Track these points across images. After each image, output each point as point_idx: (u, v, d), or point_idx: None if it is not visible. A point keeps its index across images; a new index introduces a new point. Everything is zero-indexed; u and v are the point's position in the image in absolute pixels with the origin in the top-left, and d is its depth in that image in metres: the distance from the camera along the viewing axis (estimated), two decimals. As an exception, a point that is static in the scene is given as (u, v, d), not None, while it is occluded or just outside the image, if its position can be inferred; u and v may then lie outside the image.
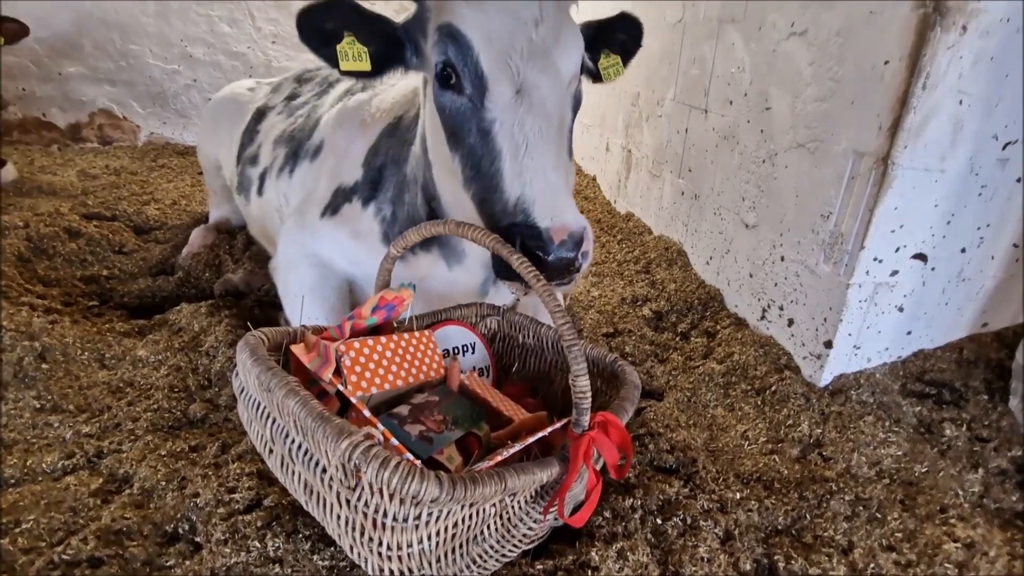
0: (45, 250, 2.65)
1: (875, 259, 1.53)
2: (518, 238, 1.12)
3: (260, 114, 2.75)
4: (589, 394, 1.05)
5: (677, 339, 2.15)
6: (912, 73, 1.34)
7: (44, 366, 1.74)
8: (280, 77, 3.02)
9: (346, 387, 1.03)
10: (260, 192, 2.51)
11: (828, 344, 1.64)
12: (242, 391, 1.07)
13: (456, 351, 1.61)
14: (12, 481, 1.34)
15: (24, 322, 1.88)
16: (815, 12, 1.67)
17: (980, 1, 1.26)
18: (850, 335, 1.62)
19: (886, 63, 1.41)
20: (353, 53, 1.40)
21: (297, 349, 1.11)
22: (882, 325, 1.62)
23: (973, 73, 1.34)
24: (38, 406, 1.59)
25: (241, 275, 2.61)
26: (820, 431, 1.53)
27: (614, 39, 1.64)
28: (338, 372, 1.05)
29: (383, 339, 1.18)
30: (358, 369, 1.09)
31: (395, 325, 1.41)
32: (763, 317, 1.98)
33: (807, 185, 1.72)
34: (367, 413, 0.90)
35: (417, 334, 1.30)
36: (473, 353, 1.65)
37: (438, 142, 1.43)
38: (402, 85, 2.14)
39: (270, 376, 0.96)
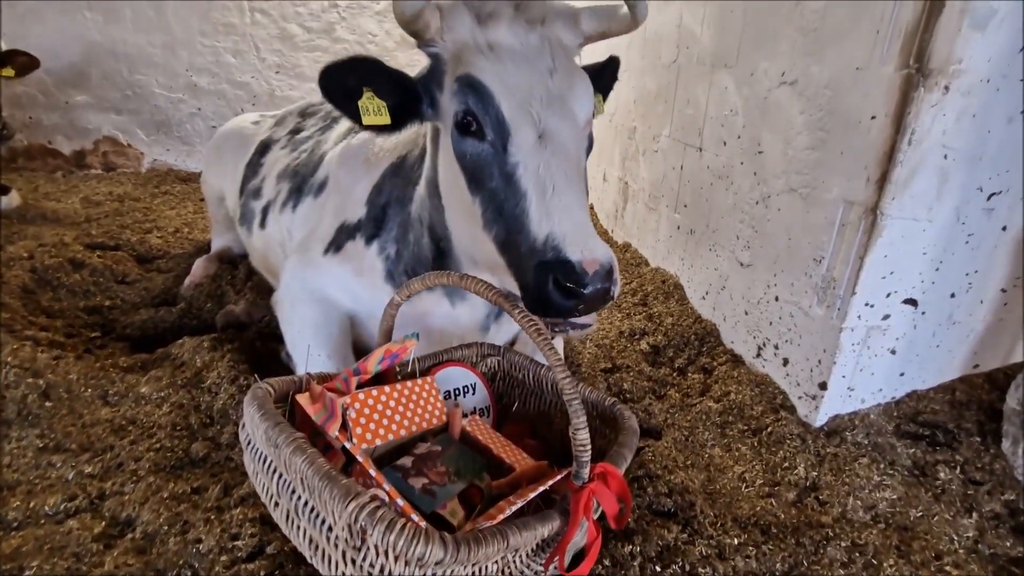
0: (49, 281, 2.67)
1: (867, 304, 1.57)
2: (550, 276, 1.15)
3: (264, 147, 2.80)
4: (589, 448, 1.07)
5: (674, 375, 2.17)
6: (898, 130, 1.40)
7: (48, 404, 1.76)
8: (284, 110, 3.09)
9: (352, 441, 1.05)
10: (263, 225, 2.55)
11: (823, 386, 1.67)
12: (249, 443, 1.09)
13: (457, 392, 1.63)
14: (15, 524, 1.35)
15: (28, 358, 1.90)
16: (805, 64, 1.74)
17: (961, 63, 1.32)
18: (844, 377, 1.65)
19: (873, 118, 1.47)
20: (373, 108, 1.45)
21: (303, 400, 1.13)
22: (875, 367, 1.65)
23: (956, 129, 1.39)
24: (41, 445, 1.60)
25: (243, 306, 2.63)
26: (816, 474, 1.55)
27: (598, 80, 1.72)
28: (344, 426, 1.07)
29: (387, 389, 1.21)
30: (363, 421, 1.11)
31: (397, 369, 1.44)
32: (759, 355, 2.01)
33: (800, 229, 1.77)
34: (373, 472, 0.92)
35: (420, 381, 1.33)
36: (474, 394, 1.67)
37: (455, 186, 1.46)
38: (407, 125, 2.19)
39: (278, 432, 0.98)
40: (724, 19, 2.23)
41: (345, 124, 2.51)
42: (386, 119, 1.46)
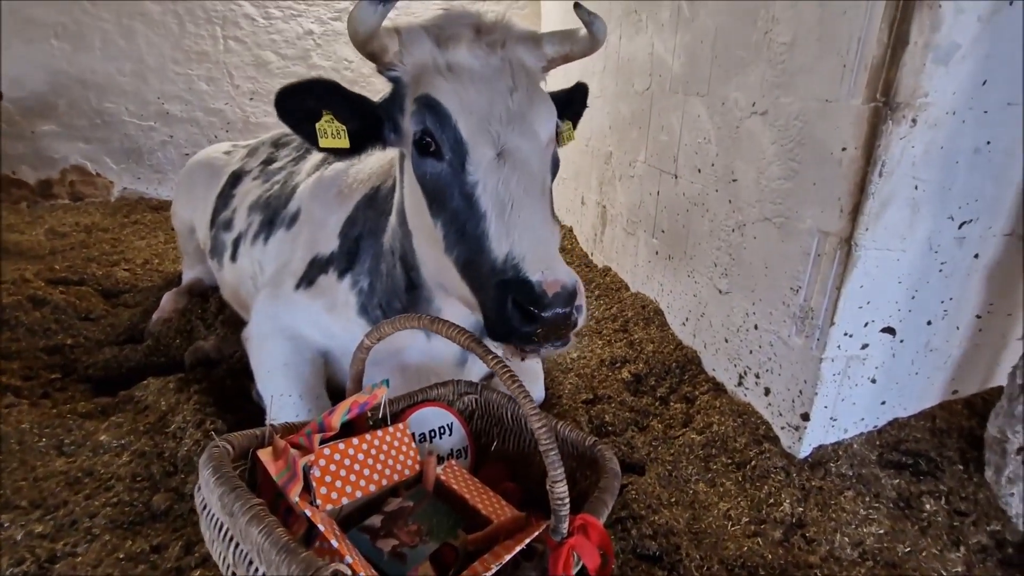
0: (7, 320, 2.56)
1: (845, 334, 1.56)
2: (509, 297, 1.10)
3: (236, 178, 2.75)
4: (567, 502, 1.02)
5: (656, 404, 2.14)
6: (868, 161, 1.40)
7: (-3, 457, 1.65)
8: (257, 140, 3.03)
9: (315, 503, 0.99)
10: (234, 258, 2.48)
11: (805, 416, 1.65)
12: (204, 508, 1.02)
13: (433, 434, 1.58)
14: (-46, 597, 1.25)
15: (-22, 408, 1.79)
16: (774, 95, 1.75)
17: (927, 96, 1.34)
18: (826, 407, 1.63)
19: (843, 150, 1.47)
20: (332, 131, 1.42)
21: (265, 456, 1.07)
22: (856, 397, 1.64)
23: (925, 160, 1.40)
24: (-11, 503, 1.50)
25: (213, 342, 2.55)
26: (802, 509, 1.52)
27: (567, 107, 1.71)
28: (307, 487, 1.01)
29: (355, 441, 1.15)
30: (328, 479, 1.05)
31: (368, 415, 1.38)
32: (740, 383, 1.99)
33: (776, 258, 1.77)
34: (334, 543, 0.86)
35: (392, 429, 1.27)
36: (451, 434, 1.61)
37: (418, 211, 1.44)
38: (379, 155, 2.16)
39: (233, 498, 0.91)
40: (695, 49, 2.26)
41: (318, 155, 2.47)
42: (344, 143, 1.43)
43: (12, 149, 4.34)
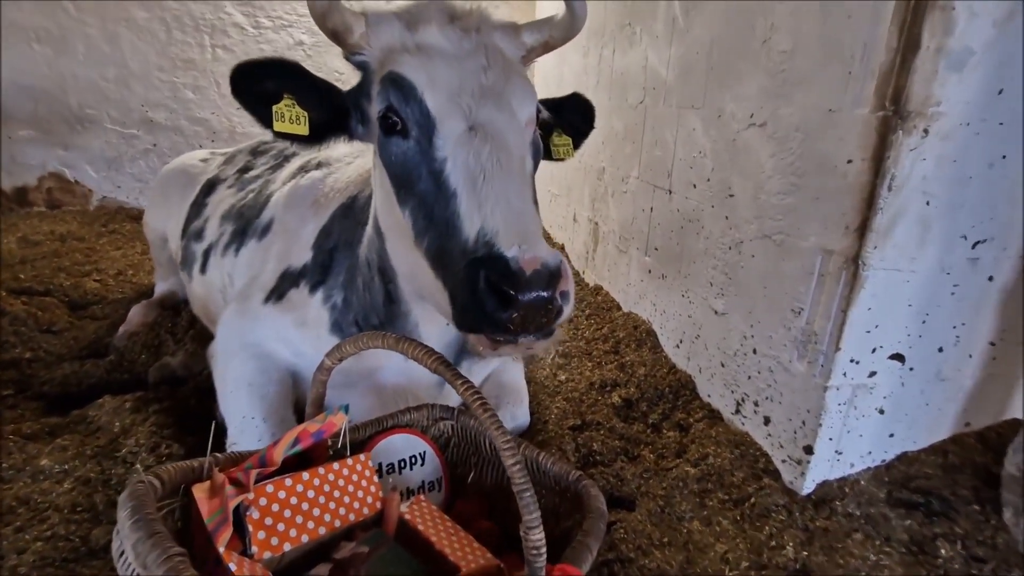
0: (-40, 333, 2.40)
1: (852, 360, 1.44)
2: (481, 275, 0.95)
3: (210, 186, 2.64)
4: (543, 551, 0.89)
5: (648, 432, 2.01)
6: (876, 174, 1.30)
7: (-77, 484, 1.50)
8: (235, 148, 2.93)
9: (249, 551, 0.85)
10: (203, 270, 2.36)
11: (808, 450, 1.52)
12: (121, 555, 0.88)
13: (403, 464, 1.44)
14: None
15: (-94, 428, 1.64)
16: (773, 106, 1.66)
17: (939, 106, 1.24)
18: (831, 439, 1.51)
19: (849, 162, 1.38)
20: (290, 116, 1.31)
21: (200, 493, 0.92)
22: (863, 428, 1.52)
23: (937, 175, 1.30)
24: (-94, 538, 1.34)
25: (181, 358, 2.41)
26: (806, 553, 1.38)
27: (566, 119, 1.61)
28: (242, 531, 0.87)
29: (305, 475, 1.01)
30: (269, 522, 0.91)
31: (330, 442, 1.24)
32: (738, 411, 1.87)
33: (775, 278, 1.66)
34: (262, 607, 0.72)
35: (350, 461, 1.13)
36: (423, 464, 1.48)
37: (387, 204, 1.33)
38: (359, 164, 2.06)
39: (149, 547, 0.78)
40: (689, 60, 2.18)
41: (297, 163, 2.36)
42: (303, 129, 1.32)
43: (-12, 155, 4.21)
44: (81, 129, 4.34)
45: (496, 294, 0.94)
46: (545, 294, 0.94)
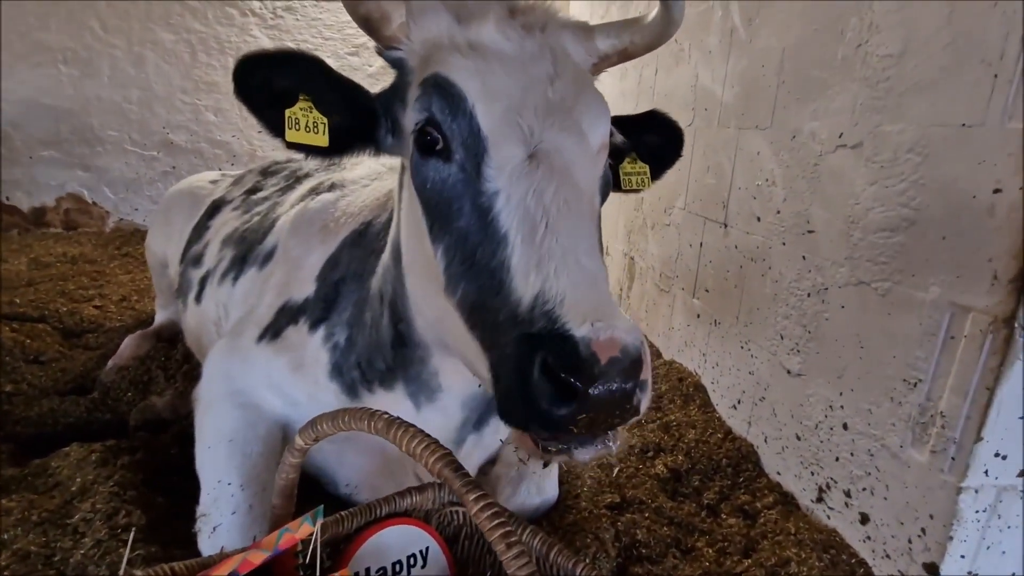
0: (-63, 363, 2.21)
1: (997, 454, 1.08)
2: (538, 360, 0.74)
3: (215, 208, 2.43)
4: None
5: (704, 516, 1.64)
6: (1042, 208, 0.97)
7: None
8: (246, 169, 2.74)
9: None
10: (199, 299, 2.13)
11: (932, 569, 1.15)
12: None
13: (399, 567, 1.13)
14: None
15: None
16: (873, 123, 1.34)
17: None
18: (963, 556, 1.14)
19: (996, 192, 1.05)
20: (306, 122, 1.07)
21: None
22: (1008, 544, 1.14)
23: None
24: None
25: (168, 398, 2.18)
26: None
27: (643, 143, 1.31)
28: None
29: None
30: None
31: (299, 549, 0.94)
32: (820, 499, 1.49)
33: (878, 337, 1.31)
34: None
35: (318, 587, 0.82)
36: (424, 565, 1.16)
37: (416, 237, 1.09)
38: (376, 186, 1.82)
39: None
40: (752, 75, 1.89)
41: (309, 184, 2.14)
42: (322, 140, 1.07)
43: (8, 175, 4.16)
44: (102, 150, 4.29)
45: (557, 385, 0.72)
46: (626, 386, 0.72)
